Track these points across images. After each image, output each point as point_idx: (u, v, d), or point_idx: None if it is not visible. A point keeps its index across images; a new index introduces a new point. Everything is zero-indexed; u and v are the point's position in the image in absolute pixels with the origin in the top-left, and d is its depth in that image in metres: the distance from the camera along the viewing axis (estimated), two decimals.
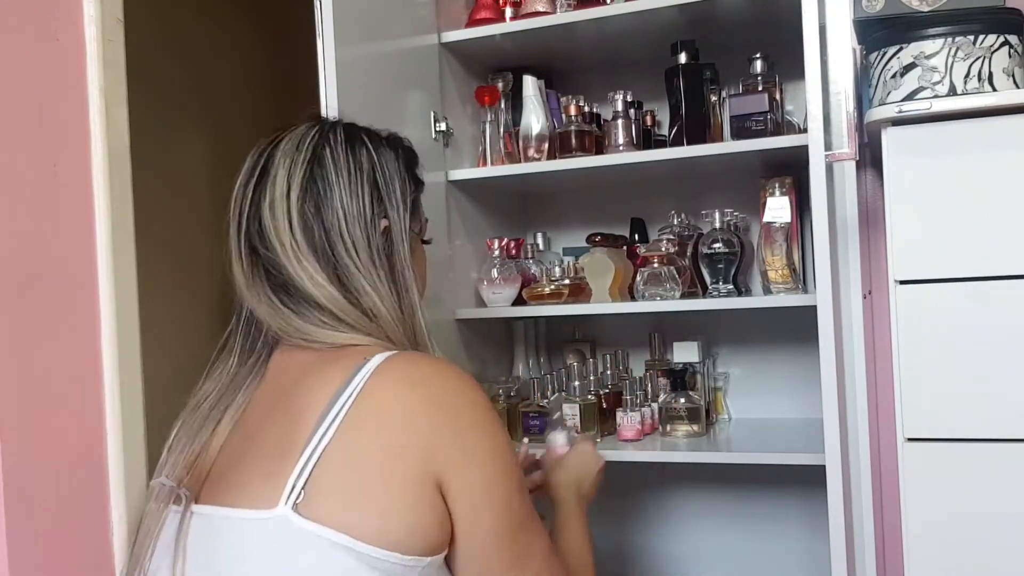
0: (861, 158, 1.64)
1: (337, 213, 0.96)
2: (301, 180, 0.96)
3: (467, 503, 0.87)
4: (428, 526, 0.84)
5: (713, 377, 1.86)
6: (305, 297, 0.95)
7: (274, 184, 0.97)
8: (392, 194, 1.00)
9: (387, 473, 0.83)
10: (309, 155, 0.97)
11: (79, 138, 1.30)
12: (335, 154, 0.98)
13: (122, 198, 1.37)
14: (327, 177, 0.97)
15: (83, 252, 1.31)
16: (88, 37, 1.31)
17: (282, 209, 0.96)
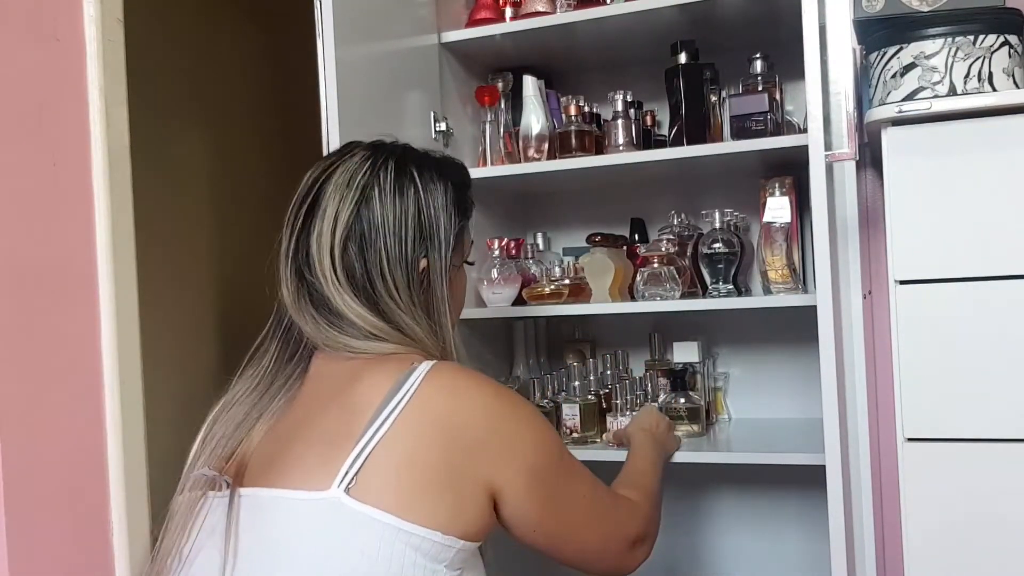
0: (861, 158, 1.64)
1: (380, 254, 1.01)
2: (347, 219, 1.01)
3: (517, 503, 0.96)
4: (469, 516, 0.92)
5: (713, 377, 1.86)
6: (349, 322, 1.01)
7: (323, 218, 1.01)
8: (435, 235, 1.05)
9: (435, 469, 0.90)
10: (358, 195, 1.02)
11: (79, 138, 1.31)
12: (383, 195, 1.02)
13: (122, 198, 1.37)
14: (373, 219, 1.01)
15: (83, 252, 1.31)
16: (88, 37, 1.32)
17: (327, 244, 1.01)
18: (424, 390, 0.93)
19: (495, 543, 1.04)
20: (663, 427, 1.53)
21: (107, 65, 1.34)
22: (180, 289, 2.36)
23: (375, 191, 1.02)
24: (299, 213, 1.04)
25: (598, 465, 1.86)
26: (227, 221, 2.60)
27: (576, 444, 1.68)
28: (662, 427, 1.52)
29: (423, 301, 1.05)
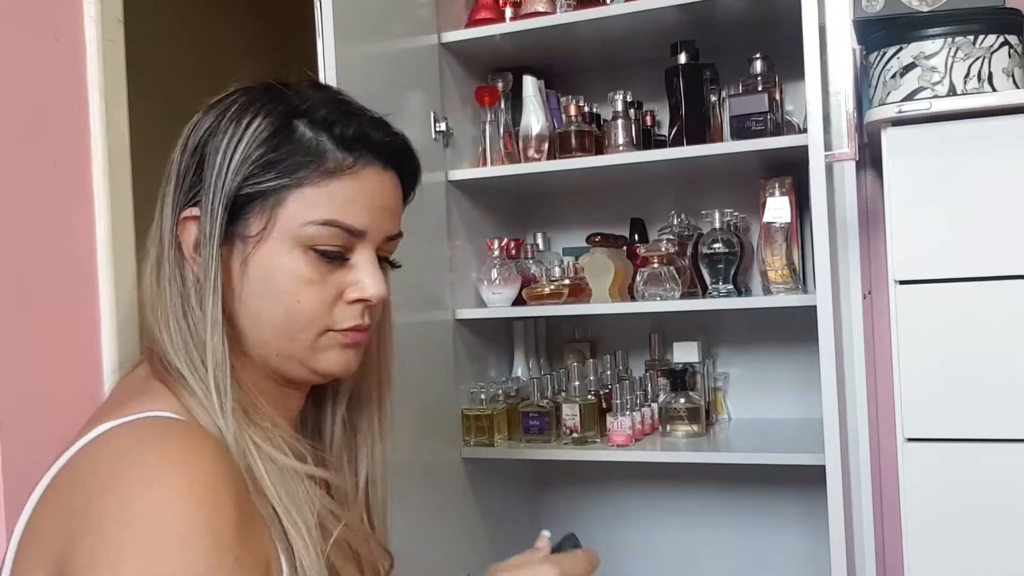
0: (861, 158, 1.64)
1: (159, 201, 0.76)
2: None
3: None
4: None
5: (713, 377, 1.86)
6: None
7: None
8: (218, 177, 0.73)
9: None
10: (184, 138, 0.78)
11: (79, 138, 1.31)
12: (191, 128, 0.78)
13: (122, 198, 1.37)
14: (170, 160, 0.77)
15: (83, 252, 1.31)
16: (88, 37, 1.32)
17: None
18: (59, 475, 0.68)
19: None
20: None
21: (107, 65, 1.34)
22: None
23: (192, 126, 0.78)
24: None
25: (597, 466, 1.88)
26: None
27: (576, 444, 1.69)
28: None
29: (177, 281, 0.74)
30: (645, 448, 1.67)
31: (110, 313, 1.34)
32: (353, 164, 0.75)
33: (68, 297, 1.29)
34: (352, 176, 0.75)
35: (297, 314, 0.74)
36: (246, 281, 0.74)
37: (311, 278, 0.74)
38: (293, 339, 0.75)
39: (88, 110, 1.32)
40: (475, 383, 1.78)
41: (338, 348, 0.77)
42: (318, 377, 0.79)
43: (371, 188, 0.77)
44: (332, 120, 0.76)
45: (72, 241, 1.30)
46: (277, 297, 0.74)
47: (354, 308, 0.77)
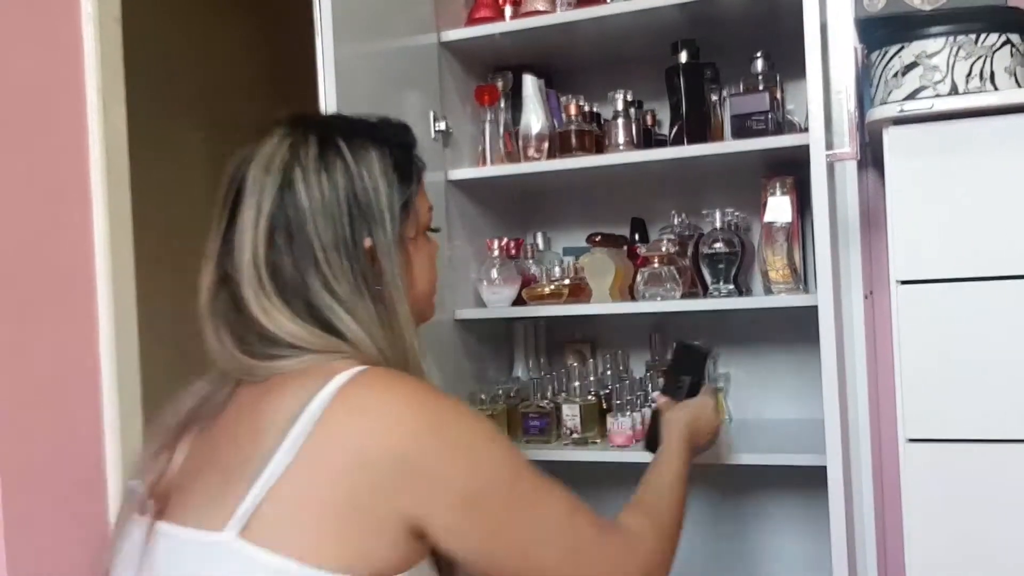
0: (862, 158, 1.63)
1: (311, 242, 0.88)
2: (270, 208, 0.88)
3: (452, 539, 0.82)
4: (383, 553, 0.79)
5: (713, 377, 1.85)
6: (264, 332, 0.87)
7: (244, 211, 0.89)
8: (375, 207, 0.91)
9: (339, 506, 0.78)
10: (279, 179, 0.89)
11: (77, 137, 1.30)
12: (307, 175, 0.89)
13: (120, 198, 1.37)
14: (299, 204, 0.88)
15: (81, 251, 1.31)
16: (86, 37, 1.31)
17: (250, 239, 0.88)
18: (333, 410, 0.80)
19: None
20: (707, 426, 1.30)
21: (105, 65, 1.33)
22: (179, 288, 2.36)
23: (296, 172, 0.89)
24: (222, 212, 0.92)
25: (599, 467, 1.87)
26: None
27: (576, 445, 1.68)
28: (706, 427, 1.29)
29: (371, 289, 0.90)
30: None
31: (108, 312, 1.34)
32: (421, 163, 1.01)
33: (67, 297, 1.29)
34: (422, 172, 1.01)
35: (434, 282, 1.03)
36: (414, 272, 0.97)
37: (432, 252, 1.03)
38: (431, 302, 1.04)
39: (86, 110, 1.32)
40: (475, 383, 1.77)
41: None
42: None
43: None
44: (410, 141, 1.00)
45: (70, 240, 1.30)
46: (427, 276, 1.00)
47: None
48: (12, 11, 1.21)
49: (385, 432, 0.79)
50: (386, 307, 0.91)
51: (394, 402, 0.81)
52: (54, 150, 1.27)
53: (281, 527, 0.77)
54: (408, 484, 0.79)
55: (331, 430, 0.79)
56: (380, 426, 0.80)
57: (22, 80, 1.22)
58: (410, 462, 0.79)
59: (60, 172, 1.28)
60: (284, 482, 0.78)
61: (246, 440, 0.83)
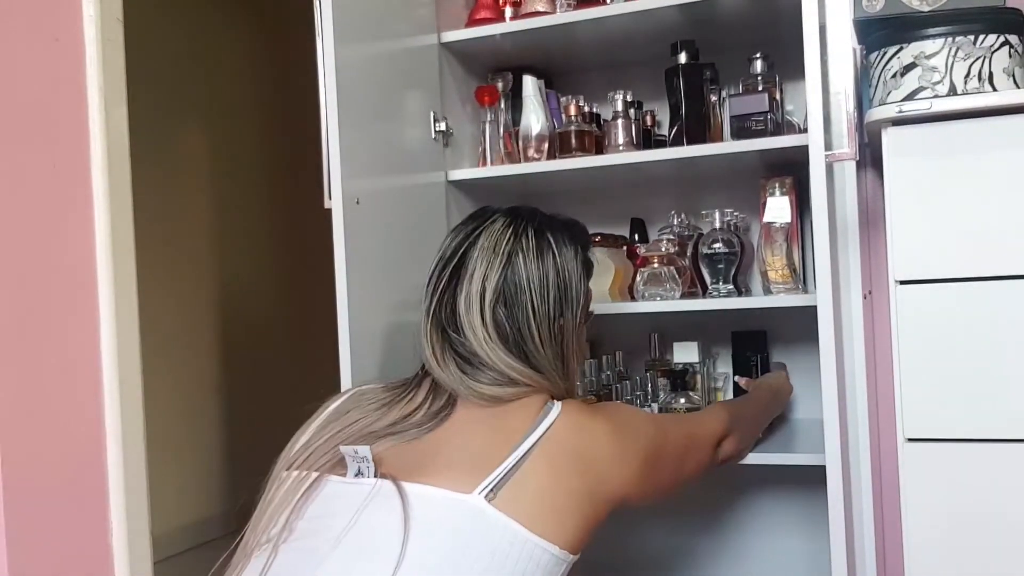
0: (861, 158, 1.64)
1: (527, 313, 1.12)
2: (496, 283, 1.11)
3: (642, 494, 1.12)
4: (586, 533, 1.04)
5: (713, 377, 1.85)
6: (492, 368, 1.11)
7: (471, 281, 1.12)
8: (570, 295, 1.16)
9: (568, 494, 1.02)
10: (504, 260, 1.12)
11: (79, 138, 1.30)
12: (527, 259, 1.13)
13: (122, 197, 1.37)
14: (519, 283, 1.12)
15: (83, 252, 1.31)
16: (87, 37, 1.32)
17: (477, 306, 1.11)
18: (558, 426, 1.06)
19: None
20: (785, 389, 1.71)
21: (106, 65, 1.34)
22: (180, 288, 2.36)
23: (519, 256, 1.13)
24: (443, 274, 1.15)
25: None
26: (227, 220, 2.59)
27: None
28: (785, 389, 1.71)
29: (559, 352, 1.16)
30: None
31: (110, 313, 1.34)
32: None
33: (68, 297, 1.29)
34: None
35: (585, 354, 1.33)
36: (578, 344, 1.21)
37: (586, 334, 1.26)
38: (578, 369, 1.26)
39: (87, 110, 1.32)
40: None
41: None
42: None
43: None
44: (590, 243, 1.32)
45: (72, 241, 1.30)
46: (583, 349, 1.26)
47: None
48: (14, 12, 1.21)
49: (598, 441, 1.07)
50: (566, 363, 1.17)
51: (599, 421, 1.09)
52: (56, 150, 1.27)
53: (518, 501, 0.98)
54: (616, 473, 1.07)
55: (559, 439, 1.04)
56: (594, 438, 1.07)
57: (24, 81, 1.23)
58: (616, 457, 1.07)
59: (62, 173, 1.28)
60: (523, 470, 1.00)
61: (491, 435, 1.05)
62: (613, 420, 1.12)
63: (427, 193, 1.69)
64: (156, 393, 1.44)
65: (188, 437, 2.88)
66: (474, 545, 0.96)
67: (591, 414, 1.11)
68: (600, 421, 1.10)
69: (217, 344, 2.64)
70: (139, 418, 1.42)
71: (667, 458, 1.18)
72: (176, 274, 2.28)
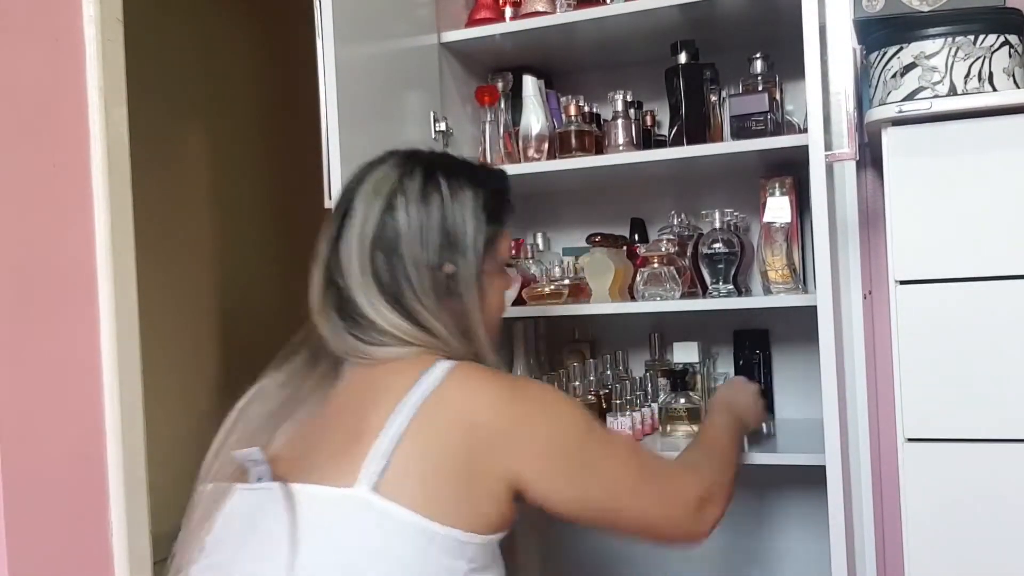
0: (861, 158, 1.64)
1: (404, 261, 1.04)
2: (375, 227, 1.04)
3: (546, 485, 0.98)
4: (489, 511, 0.95)
5: (713, 378, 1.85)
6: (372, 325, 1.03)
7: (352, 225, 1.05)
8: (463, 243, 1.06)
9: (457, 468, 0.93)
10: (384, 203, 1.05)
11: (79, 138, 1.30)
12: (408, 204, 1.05)
13: (122, 197, 1.37)
14: (398, 228, 1.04)
15: (83, 252, 1.31)
16: (87, 37, 1.32)
17: (357, 250, 1.04)
18: (444, 388, 0.96)
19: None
20: (742, 399, 1.48)
21: (107, 65, 1.33)
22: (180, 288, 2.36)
23: (399, 199, 1.05)
24: (333, 222, 1.08)
25: None
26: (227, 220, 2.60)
27: None
28: (740, 399, 1.47)
29: (452, 307, 1.06)
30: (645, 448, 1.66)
31: (110, 313, 1.34)
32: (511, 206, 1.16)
33: (68, 298, 1.29)
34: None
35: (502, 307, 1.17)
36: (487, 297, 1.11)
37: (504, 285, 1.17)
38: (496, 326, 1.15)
39: (88, 110, 1.32)
40: None
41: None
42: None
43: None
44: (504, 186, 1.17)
45: (72, 242, 1.30)
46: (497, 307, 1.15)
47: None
48: (14, 11, 1.21)
49: (485, 406, 0.96)
50: (464, 320, 1.06)
51: (489, 384, 0.99)
52: (56, 150, 1.27)
53: (408, 486, 0.91)
54: (506, 445, 0.96)
55: (442, 405, 0.95)
56: (481, 402, 0.97)
57: (24, 80, 1.23)
58: (505, 427, 0.96)
59: (62, 172, 1.28)
60: (407, 443, 0.92)
61: (364, 409, 0.97)
62: (516, 387, 1.02)
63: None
64: (156, 393, 1.44)
65: (188, 437, 2.87)
66: (368, 541, 0.90)
67: (488, 376, 1.00)
68: (496, 384, 0.99)
69: (217, 344, 2.64)
70: (139, 418, 1.42)
71: (599, 469, 1.02)
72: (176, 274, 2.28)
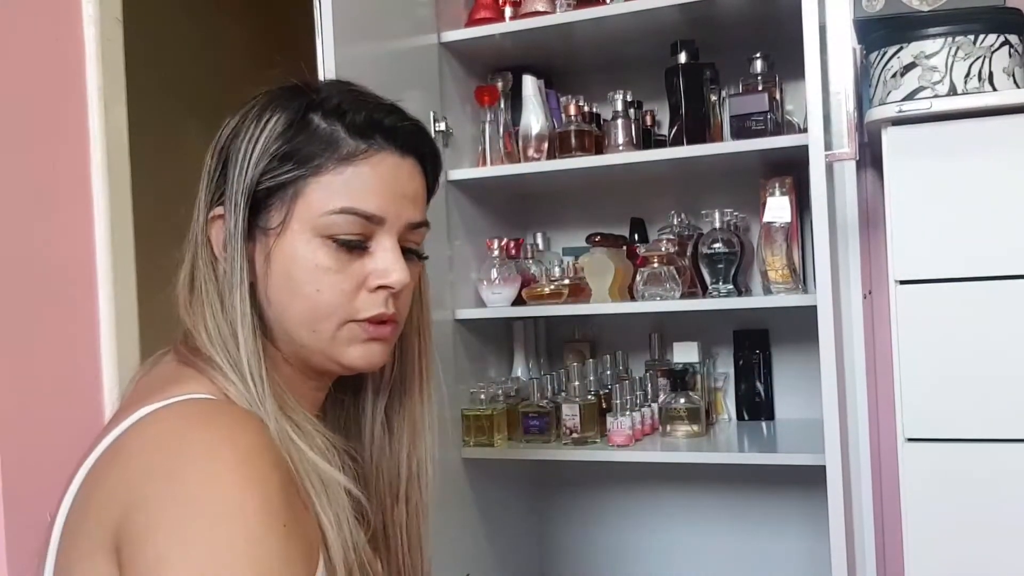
0: (861, 158, 1.64)
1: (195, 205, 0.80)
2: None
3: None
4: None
5: (713, 377, 1.85)
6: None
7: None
8: (232, 174, 0.76)
9: (88, 551, 0.67)
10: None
11: (78, 137, 1.30)
12: (219, 132, 0.81)
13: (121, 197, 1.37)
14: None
15: (83, 252, 1.31)
16: (87, 37, 1.31)
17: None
18: (112, 448, 0.70)
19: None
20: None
21: (106, 65, 1.33)
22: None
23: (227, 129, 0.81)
24: None
25: (597, 467, 1.87)
26: None
27: (576, 445, 1.68)
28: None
29: (210, 284, 0.77)
30: (645, 448, 1.66)
31: (109, 313, 1.34)
32: (367, 150, 0.77)
33: (68, 298, 1.29)
34: (367, 162, 0.76)
35: (317, 304, 0.76)
36: (271, 274, 0.76)
37: (330, 267, 0.76)
38: (316, 330, 0.77)
39: (87, 109, 1.32)
40: (475, 383, 1.78)
41: (361, 342, 0.78)
42: (343, 370, 0.80)
43: (387, 174, 0.78)
44: (344, 109, 0.77)
45: (72, 241, 1.30)
46: (298, 288, 0.76)
47: (377, 296, 0.77)
48: (14, 11, 1.21)
49: (137, 479, 0.66)
50: (224, 316, 0.75)
51: (163, 451, 0.66)
52: (56, 150, 1.27)
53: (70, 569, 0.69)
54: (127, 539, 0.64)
55: (100, 467, 0.70)
56: (133, 474, 0.66)
57: (24, 80, 1.23)
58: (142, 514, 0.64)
59: (61, 172, 1.28)
60: (68, 521, 0.70)
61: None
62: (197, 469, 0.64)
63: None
64: None
65: None
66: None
67: (172, 434, 0.67)
68: (174, 449, 0.66)
69: None
70: None
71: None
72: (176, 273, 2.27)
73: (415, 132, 0.81)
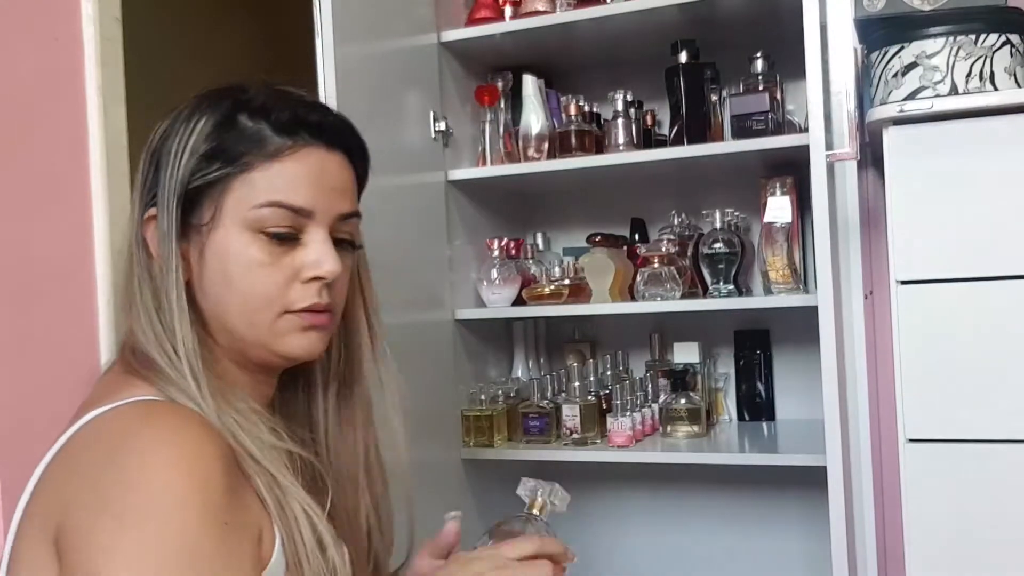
0: (862, 158, 1.63)
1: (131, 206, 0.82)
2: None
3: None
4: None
5: (714, 378, 1.85)
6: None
7: None
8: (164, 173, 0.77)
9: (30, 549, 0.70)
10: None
11: (77, 137, 1.30)
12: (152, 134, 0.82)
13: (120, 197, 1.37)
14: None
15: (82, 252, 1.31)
16: (86, 36, 1.31)
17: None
18: (62, 448, 0.73)
19: None
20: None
21: (105, 64, 1.33)
22: None
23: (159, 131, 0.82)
24: None
25: (598, 467, 1.87)
26: None
27: (576, 445, 1.68)
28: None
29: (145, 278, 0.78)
30: (645, 449, 1.66)
31: (107, 313, 1.34)
32: (293, 146, 0.79)
33: (67, 298, 1.29)
34: (292, 158, 0.79)
35: (252, 297, 0.78)
36: (205, 271, 0.78)
37: (263, 260, 0.78)
38: (252, 323, 0.78)
39: (86, 109, 1.31)
40: (475, 384, 1.77)
41: (298, 331, 0.80)
42: (284, 360, 0.82)
43: (314, 168, 0.80)
44: (269, 107, 0.80)
45: (71, 241, 1.30)
46: (232, 282, 0.77)
47: (310, 287, 0.79)
48: (12, 10, 1.21)
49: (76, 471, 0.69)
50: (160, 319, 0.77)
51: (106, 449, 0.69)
52: (54, 149, 1.27)
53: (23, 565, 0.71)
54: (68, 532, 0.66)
55: (51, 466, 0.73)
56: (74, 466, 0.70)
57: (22, 79, 1.22)
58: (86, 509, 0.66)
59: (60, 171, 1.28)
60: (21, 524, 0.72)
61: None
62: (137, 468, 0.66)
63: (427, 193, 1.69)
64: None
65: None
66: None
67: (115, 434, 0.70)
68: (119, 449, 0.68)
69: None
70: None
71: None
72: None
73: (341, 127, 0.84)
